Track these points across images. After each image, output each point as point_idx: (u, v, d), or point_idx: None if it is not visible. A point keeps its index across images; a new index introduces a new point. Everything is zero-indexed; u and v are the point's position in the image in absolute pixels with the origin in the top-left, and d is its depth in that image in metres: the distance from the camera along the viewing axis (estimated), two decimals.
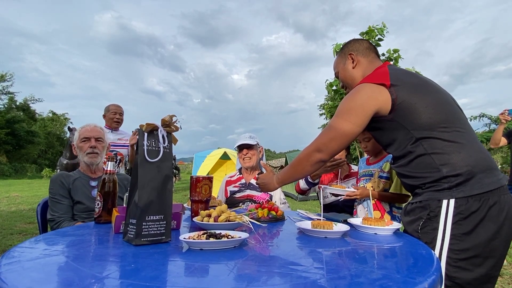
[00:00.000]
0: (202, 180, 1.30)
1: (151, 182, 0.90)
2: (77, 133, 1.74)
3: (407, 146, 1.04)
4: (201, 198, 1.28)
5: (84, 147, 1.68)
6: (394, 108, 1.02)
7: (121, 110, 2.90)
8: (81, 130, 1.73)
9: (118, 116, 2.87)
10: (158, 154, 0.94)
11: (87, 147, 1.68)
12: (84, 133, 1.71)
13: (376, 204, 1.58)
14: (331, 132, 1.10)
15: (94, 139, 1.71)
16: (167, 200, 0.94)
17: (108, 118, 2.87)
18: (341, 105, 1.11)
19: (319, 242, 0.96)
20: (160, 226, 0.90)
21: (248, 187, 2.04)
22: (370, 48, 1.27)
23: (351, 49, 1.27)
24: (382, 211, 1.56)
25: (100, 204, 1.22)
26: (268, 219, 1.33)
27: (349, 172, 2.09)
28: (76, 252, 0.79)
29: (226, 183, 2.16)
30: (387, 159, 1.64)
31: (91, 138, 1.70)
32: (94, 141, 1.70)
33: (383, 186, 1.60)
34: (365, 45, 1.27)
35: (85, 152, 1.68)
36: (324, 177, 2.12)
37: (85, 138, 1.69)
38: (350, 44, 1.30)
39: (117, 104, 2.92)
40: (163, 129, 0.98)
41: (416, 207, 1.04)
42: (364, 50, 1.25)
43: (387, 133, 1.10)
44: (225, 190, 2.13)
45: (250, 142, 2.04)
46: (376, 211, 1.57)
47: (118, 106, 2.90)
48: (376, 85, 1.05)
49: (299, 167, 1.19)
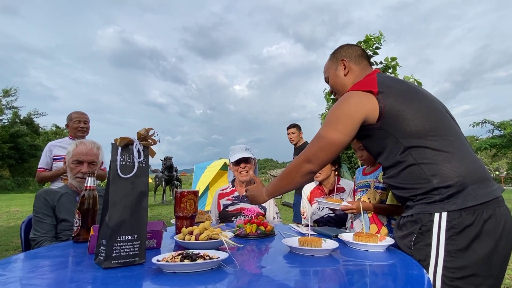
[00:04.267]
0: (187, 194, 1.25)
1: (123, 200, 0.85)
2: (71, 149, 1.58)
3: (396, 156, 0.99)
4: (185, 214, 1.23)
5: (75, 171, 1.54)
6: (381, 115, 0.98)
7: (85, 118, 2.67)
8: (76, 149, 1.57)
9: (82, 125, 2.63)
10: (132, 169, 0.89)
11: (78, 171, 1.53)
12: (77, 155, 1.55)
13: (373, 217, 1.51)
14: (319, 141, 1.06)
15: (87, 164, 1.55)
16: (141, 218, 0.88)
17: (71, 127, 2.63)
18: (329, 114, 1.07)
19: (306, 261, 0.90)
20: (133, 247, 0.85)
21: (241, 200, 1.98)
22: (363, 56, 1.23)
23: (344, 55, 1.23)
24: (379, 225, 1.49)
25: (79, 222, 1.17)
26: (257, 235, 1.27)
27: (334, 186, 1.98)
28: (37, 278, 0.74)
29: (218, 196, 2.09)
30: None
31: (84, 163, 1.55)
32: (87, 167, 1.54)
33: (380, 198, 1.53)
34: (358, 52, 1.23)
35: (75, 176, 1.53)
36: (311, 194, 2.04)
37: (78, 161, 1.54)
38: (343, 49, 1.25)
39: (81, 112, 2.68)
40: (139, 143, 0.93)
41: (408, 221, 0.98)
42: (356, 58, 1.21)
43: (376, 141, 1.05)
44: (217, 203, 2.06)
45: (247, 155, 1.97)
46: (372, 224, 1.49)
47: (82, 114, 2.67)
48: (364, 93, 1.01)
49: (289, 179, 1.15)
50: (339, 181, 2.01)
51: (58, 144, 2.63)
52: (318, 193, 2.02)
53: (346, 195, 1.92)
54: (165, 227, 1.13)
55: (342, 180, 2.02)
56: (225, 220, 1.94)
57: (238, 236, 1.25)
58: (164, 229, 1.11)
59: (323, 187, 2.02)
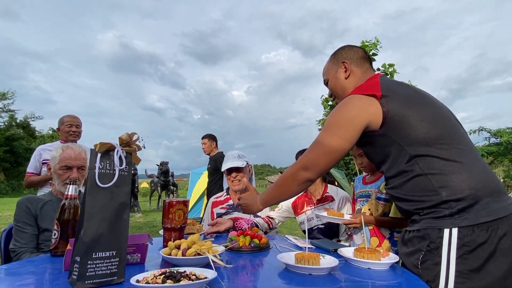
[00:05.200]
0: (176, 204, 1.16)
1: (101, 212, 0.77)
2: (57, 155, 1.48)
3: (401, 165, 0.92)
4: (174, 225, 1.15)
5: (63, 177, 1.43)
6: (385, 121, 0.91)
7: (77, 121, 2.60)
8: (63, 154, 1.47)
9: (74, 129, 2.55)
10: (112, 178, 0.81)
11: (66, 177, 1.43)
12: (65, 160, 1.45)
13: (374, 229, 1.43)
14: (318, 148, 1.00)
15: (76, 169, 1.46)
16: (122, 232, 0.80)
17: (63, 131, 2.54)
18: (329, 119, 1.01)
19: (303, 280, 0.82)
20: (110, 265, 0.76)
21: (236, 209, 1.89)
22: (365, 58, 1.16)
23: (345, 57, 1.16)
24: (381, 238, 1.41)
25: (57, 233, 1.08)
26: (250, 248, 1.19)
27: (322, 195, 1.84)
28: None
29: (212, 205, 2.00)
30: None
31: (73, 168, 1.45)
32: (76, 172, 1.45)
33: (382, 209, 1.44)
34: (360, 54, 1.16)
35: (63, 182, 1.43)
36: (298, 201, 1.91)
37: (66, 166, 1.44)
38: (344, 50, 1.18)
39: (73, 115, 2.61)
40: (121, 149, 0.85)
41: (414, 237, 0.90)
42: (358, 60, 1.14)
43: (379, 149, 0.98)
44: (211, 212, 1.97)
45: (239, 165, 1.86)
46: (374, 237, 1.41)
47: (74, 118, 2.60)
48: (366, 97, 0.94)
49: (285, 187, 1.08)
50: (326, 189, 1.87)
51: (48, 148, 2.54)
52: (306, 202, 1.87)
53: (336, 205, 1.80)
54: (151, 240, 1.05)
55: (330, 188, 1.88)
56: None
57: (231, 249, 1.17)
58: (149, 242, 1.03)
59: (311, 195, 1.87)
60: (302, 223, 1.88)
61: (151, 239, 1.04)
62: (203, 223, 1.96)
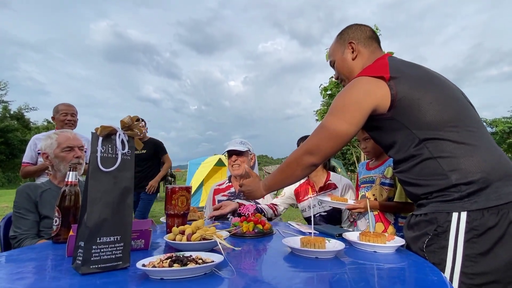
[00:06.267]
0: (179, 190, 1.16)
1: (104, 197, 0.75)
2: (52, 140, 1.54)
3: (410, 149, 0.90)
4: (177, 211, 1.14)
5: (68, 157, 1.51)
6: (393, 104, 0.89)
7: (73, 110, 2.57)
8: (61, 138, 1.55)
9: (69, 117, 2.53)
10: (115, 162, 0.79)
11: (72, 157, 1.51)
12: (66, 142, 1.53)
13: (379, 215, 1.43)
14: (323, 132, 0.98)
15: (78, 148, 1.54)
16: (126, 217, 0.78)
17: (58, 120, 2.52)
18: (335, 102, 0.98)
19: (309, 264, 0.82)
20: (115, 249, 0.75)
21: (237, 196, 1.89)
22: (373, 37, 1.12)
23: (352, 37, 1.11)
24: (386, 224, 1.41)
25: (59, 221, 1.07)
26: (254, 234, 1.18)
27: (324, 183, 1.84)
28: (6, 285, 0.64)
29: (214, 192, 2.00)
30: (389, 163, 1.48)
31: (75, 147, 1.53)
32: (79, 151, 1.53)
33: (387, 195, 1.44)
34: (367, 33, 1.11)
35: (69, 163, 1.46)
36: (300, 188, 1.92)
37: (69, 147, 1.52)
38: (351, 30, 1.13)
39: (68, 103, 2.57)
40: (123, 132, 0.83)
41: (421, 221, 0.90)
42: (366, 40, 1.10)
43: (387, 133, 0.97)
44: (213, 199, 1.97)
45: (240, 148, 1.88)
46: (378, 223, 1.42)
47: (69, 106, 2.57)
48: (374, 79, 0.92)
49: (289, 172, 1.07)
50: (329, 177, 1.87)
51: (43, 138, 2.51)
52: (308, 190, 1.87)
53: (338, 193, 1.80)
54: (154, 226, 1.04)
55: (332, 175, 1.88)
56: (220, 217, 1.85)
57: (234, 235, 1.17)
58: (153, 228, 1.02)
59: (313, 183, 1.87)
60: (304, 211, 1.89)
61: (154, 225, 1.04)
62: (205, 210, 1.95)
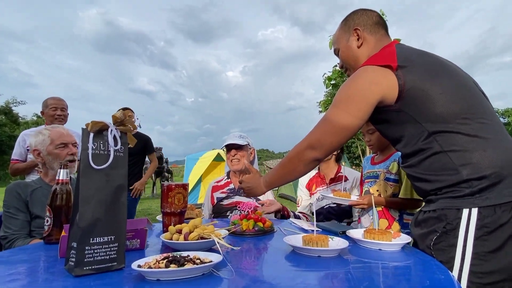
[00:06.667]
0: (175, 188, 1.16)
1: (97, 195, 0.76)
2: (45, 136, 1.55)
3: (418, 142, 0.90)
4: (173, 210, 1.15)
5: (62, 155, 1.51)
6: (401, 95, 0.89)
7: (63, 104, 2.57)
8: (54, 134, 1.55)
9: (59, 112, 2.52)
10: (107, 159, 0.79)
11: (66, 154, 1.52)
12: (60, 138, 1.53)
13: (383, 211, 1.44)
14: (326, 125, 0.98)
15: (72, 145, 1.55)
16: (119, 216, 0.79)
17: (47, 115, 2.52)
18: (339, 93, 0.98)
19: (311, 263, 0.82)
20: (109, 250, 0.76)
21: (237, 193, 1.90)
22: (380, 24, 1.10)
23: (358, 23, 1.10)
24: (391, 220, 1.42)
25: (50, 220, 1.07)
26: (254, 232, 1.19)
27: (335, 174, 1.89)
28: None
29: (212, 189, 2.01)
30: (394, 157, 1.49)
31: (69, 144, 1.53)
32: (73, 148, 1.54)
33: (391, 191, 1.45)
34: (374, 19, 1.10)
35: (65, 160, 1.50)
36: (311, 182, 1.95)
37: (63, 144, 1.53)
38: (357, 15, 1.12)
39: (58, 97, 2.57)
40: (115, 128, 0.83)
41: (429, 217, 0.90)
42: (372, 26, 1.09)
43: (394, 126, 0.97)
44: (211, 196, 1.98)
45: (239, 142, 1.89)
46: (382, 219, 1.43)
47: (58, 100, 2.56)
48: (381, 68, 0.91)
49: (290, 167, 1.07)
50: (340, 169, 1.91)
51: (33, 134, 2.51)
52: (319, 182, 1.92)
53: (349, 185, 1.83)
54: (150, 225, 1.05)
55: (345, 168, 1.92)
56: (219, 215, 1.87)
57: (234, 233, 1.18)
58: (148, 227, 1.03)
59: (324, 175, 1.92)
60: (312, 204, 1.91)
61: (150, 224, 1.04)
62: (203, 208, 1.97)
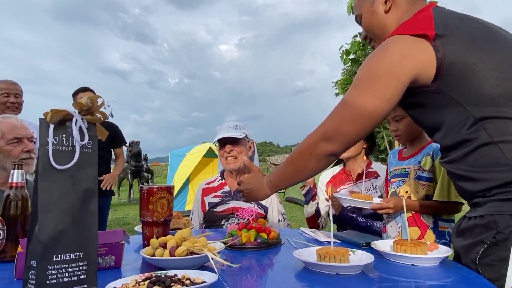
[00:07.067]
0: (157, 191, 1.16)
1: (60, 202, 0.74)
2: None
3: (462, 131, 0.89)
4: (156, 218, 1.15)
5: (15, 152, 1.48)
6: (440, 72, 0.88)
7: (16, 89, 2.56)
8: (5, 126, 1.51)
9: (13, 99, 2.51)
10: (72, 157, 0.77)
11: (20, 151, 1.49)
12: (13, 132, 1.50)
13: (413, 217, 1.44)
14: (345, 110, 0.98)
15: (28, 140, 1.53)
16: (89, 227, 0.78)
17: None
18: (362, 70, 0.98)
19: (328, 283, 0.83)
20: (77, 270, 0.75)
21: (234, 197, 1.91)
22: None
23: None
24: (423, 228, 1.42)
25: (3, 234, 1.07)
26: (257, 245, 1.20)
27: (364, 170, 1.87)
28: None
29: (203, 192, 2.01)
30: (428, 150, 1.48)
31: (23, 139, 1.51)
32: (29, 143, 1.53)
33: (424, 192, 1.45)
34: None
35: (18, 159, 1.47)
36: (334, 180, 1.98)
37: (16, 138, 1.49)
38: None
39: (10, 81, 2.56)
40: (82, 117, 0.81)
41: (475, 225, 0.90)
42: None
43: (431, 112, 0.96)
44: (202, 201, 1.99)
45: (235, 135, 1.89)
46: (413, 227, 1.43)
47: (11, 84, 2.55)
48: (414, 38, 0.90)
49: (300, 164, 1.07)
50: (370, 164, 1.93)
51: None
52: (343, 180, 1.93)
53: (381, 182, 1.84)
54: (127, 238, 1.06)
55: (375, 164, 1.94)
56: (212, 224, 1.87)
57: (231, 247, 1.18)
58: (125, 241, 1.04)
59: (349, 171, 1.94)
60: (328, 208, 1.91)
61: (127, 236, 1.04)
62: (192, 216, 1.97)
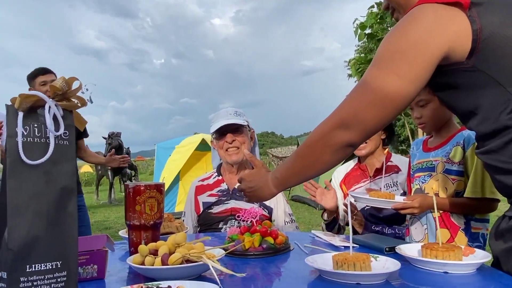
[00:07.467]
0: (145, 190, 1.19)
1: (33, 203, 0.76)
2: None
3: (502, 116, 0.90)
4: (144, 221, 1.18)
5: None
6: (477, 47, 0.88)
7: None
8: None
9: None
10: (45, 150, 0.79)
11: None
12: None
13: (442, 217, 1.45)
14: (364, 93, 0.98)
15: None
16: (68, 232, 0.80)
17: None
18: (384, 46, 0.98)
19: None
20: (54, 282, 0.77)
21: (233, 196, 1.93)
22: None
23: None
24: (453, 229, 1.44)
25: None
26: (262, 251, 1.22)
27: (383, 164, 1.91)
28: None
29: (196, 191, 2.05)
30: (458, 139, 1.50)
31: None
32: None
33: (454, 188, 1.47)
34: None
35: None
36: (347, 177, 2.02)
37: None
38: None
39: None
40: (56, 103, 0.82)
41: None
42: None
43: (466, 93, 0.97)
44: (195, 201, 2.01)
45: (237, 121, 1.91)
46: (442, 229, 1.44)
47: None
48: (445, 6, 0.90)
49: (312, 157, 1.07)
50: (390, 157, 1.96)
51: None
52: (358, 176, 1.96)
53: (403, 178, 1.86)
54: (112, 244, 1.09)
55: (395, 156, 1.96)
56: (208, 228, 1.91)
57: (233, 253, 1.20)
58: (109, 248, 1.07)
59: (365, 166, 1.96)
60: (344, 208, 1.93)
61: (112, 242, 1.07)
62: (184, 218, 2.00)
